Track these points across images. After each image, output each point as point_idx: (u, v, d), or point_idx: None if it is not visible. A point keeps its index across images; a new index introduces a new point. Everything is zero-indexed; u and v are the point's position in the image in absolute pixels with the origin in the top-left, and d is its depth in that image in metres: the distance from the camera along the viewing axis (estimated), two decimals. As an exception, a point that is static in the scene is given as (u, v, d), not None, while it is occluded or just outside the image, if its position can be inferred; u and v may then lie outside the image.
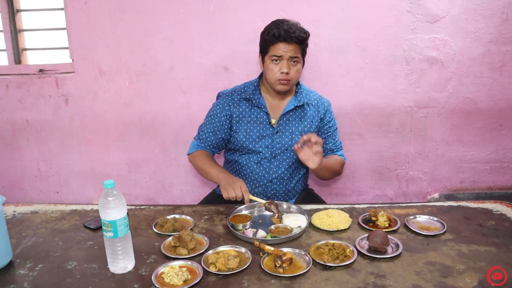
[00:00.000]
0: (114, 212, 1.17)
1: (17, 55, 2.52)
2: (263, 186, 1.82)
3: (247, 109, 1.80)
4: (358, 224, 1.48)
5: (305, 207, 1.60)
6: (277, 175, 1.81)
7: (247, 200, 1.59)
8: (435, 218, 1.49)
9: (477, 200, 1.68)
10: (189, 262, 1.23)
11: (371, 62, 2.33)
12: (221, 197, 1.71)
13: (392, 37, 2.29)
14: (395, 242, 1.32)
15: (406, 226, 1.45)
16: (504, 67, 2.31)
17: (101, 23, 2.36)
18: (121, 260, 1.21)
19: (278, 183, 1.83)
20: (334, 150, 1.90)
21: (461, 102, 2.38)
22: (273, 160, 1.80)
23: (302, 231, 1.41)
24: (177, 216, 1.55)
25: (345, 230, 1.44)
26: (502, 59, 2.30)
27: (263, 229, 1.43)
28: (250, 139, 1.79)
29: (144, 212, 1.63)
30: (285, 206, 1.64)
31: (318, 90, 1.95)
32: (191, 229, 1.45)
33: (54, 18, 2.49)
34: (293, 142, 1.78)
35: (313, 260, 1.23)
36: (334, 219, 1.46)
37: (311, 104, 1.84)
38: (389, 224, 1.45)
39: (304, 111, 1.82)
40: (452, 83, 2.35)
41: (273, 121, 1.80)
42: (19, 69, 2.50)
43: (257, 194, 1.82)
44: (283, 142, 1.79)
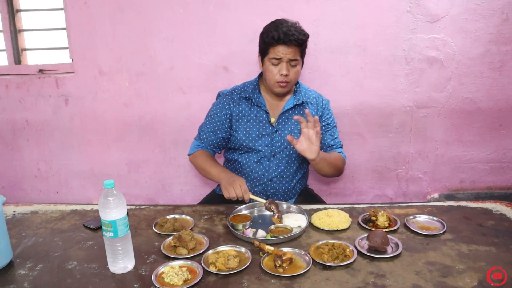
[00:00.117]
0: (114, 212, 1.17)
1: (17, 55, 2.52)
2: (263, 185, 1.83)
3: (247, 108, 1.80)
4: (358, 224, 1.48)
5: (305, 207, 1.60)
6: (277, 174, 1.81)
7: (247, 199, 1.59)
8: (435, 218, 1.49)
9: (477, 200, 1.68)
10: (189, 262, 1.23)
11: (371, 62, 2.33)
12: (221, 197, 1.71)
13: (392, 37, 2.29)
14: (395, 242, 1.32)
15: (406, 226, 1.45)
16: (504, 67, 2.32)
17: (101, 23, 2.36)
18: (121, 260, 1.21)
19: (278, 182, 1.83)
20: (334, 147, 1.86)
21: (461, 102, 2.38)
22: (273, 159, 1.80)
23: (302, 231, 1.41)
24: (177, 216, 1.55)
25: (345, 230, 1.44)
26: (502, 59, 2.30)
27: (263, 229, 1.43)
28: (250, 138, 1.79)
29: (144, 212, 1.63)
30: (285, 206, 1.64)
31: (318, 90, 1.95)
32: (191, 229, 1.45)
33: (54, 18, 2.48)
34: None
35: (313, 260, 1.23)
36: (334, 219, 1.46)
37: (310, 103, 1.84)
38: (389, 224, 1.45)
39: (303, 110, 1.82)
40: (452, 83, 2.35)
41: (273, 120, 1.80)
42: (19, 69, 2.50)
43: (257, 193, 1.82)
44: (282, 141, 1.79)
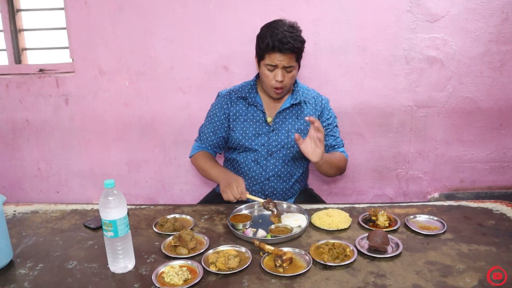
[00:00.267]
0: (114, 212, 1.17)
1: (17, 55, 2.52)
2: (261, 184, 1.83)
3: (244, 108, 1.81)
4: (358, 224, 1.48)
5: (305, 207, 1.61)
6: (274, 173, 1.82)
7: (245, 199, 1.59)
8: (435, 218, 1.49)
9: (477, 200, 1.68)
10: (189, 262, 1.23)
11: (371, 62, 2.33)
12: (221, 196, 1.71)
13: (392, 37, 2.29)
14: (395, 242, 1.32)
15: (406, 226, 1.45)
16: (504, 67, 2.31)
17: (101, 23, 2.36)
18: (121, 260, 1.21)
19: (276, 181, 1.83)
20: (336, 147, 1.87)
21: (461, 102, 2.38)
22: (270, 158, 1.80)
23: (302, 231, 1.41)
24: (177, 216, 1.56)
25: (345, 230, 1.44)
26: (502, 59, 2.30)
27: (263, 229, 1.43)
28: (246, 137, 1.79)
29: (144, 212, 1.63)
30: (285, 206, 1.64)
31: (318, 90, 1.94)
32: (191, 229, 1.45)
33: (54, 18, 2.48)
34: (289, 140, 1.79)
35: (313, 260, 1.23)
36: (334, 219, 1.46)
37: (308, 102, 1.84)
38: (389, 224, 1.45)
39: (301, 109, 1.82)
40: (452, 83, 2.35)
41: (269, 119, 1.80)
42: (19, 69, 2.50)
43: (255, 192, 1.83)
44: (279, 140, 1.79)
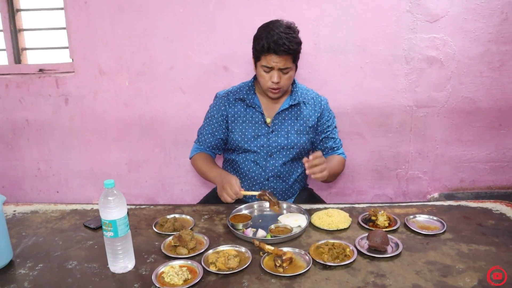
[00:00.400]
0: (114, 212, 1.17)
1: (17, 55, 2.52)
2: (260, 184, 1.83)
3: (242, 109, 1.81)
4: (358, 224, 1.48)
5: (305, 207, 1.61)
6: (274, 174, 1.82)
7: (241, 197, 1.58)
8: (435, 218, 1.49)
9: (477, 200, 1.68)
10: (189, 262, 1.23)
11: (371, 62, 2.33)
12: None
13: (392, 37, 2.29)
14: (395, 242, 1.33)
15: (406, 226, 1.45)
16: (504, 67, 2.32)
17: (101, 23, 2.36)
18: (121, 260, 1.21)
19: (275, 181, 1.83)
20: (335, 149, 1.90)
21: (461, 102, 2.38)
22: (269, 159, 1.81)
23: (302, 231, 1.42)
24: (177, 216, 1.56)
25: (345, 230, 1.44)
26: (502, 59, 2.30)
27: (263, 229, 1.43)
28: (246, 139, 1.79)
29: (144, 212, 1.63)
30: (285, 206, 1.64)
31: (318, 90, 1.95)
32: (191, 229, 1.45)
33: (54, 18, 2.48)
34: (289, 141, 1.79)
35: (313, 260, 1.23)
36: (334, 219, 1.46)
37: (308, 103, 1.84)
38: (389, 224, 1.45)
39: (300, 110, 1.82)
40: (452, 83, 2.35)
41: (268, 120, 1.80)
42: (19, 69, 2.49)
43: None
44: (279, 141, 1.79)
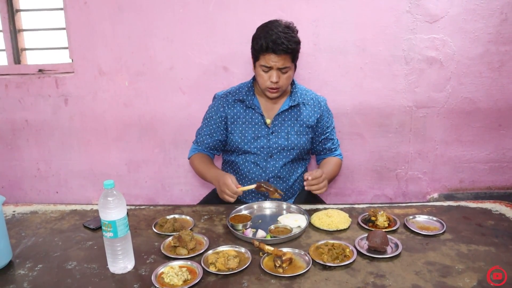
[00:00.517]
0: (114, 212, 1.17)
1: (17, 55, 2.51)
2: None
3: (242, 110, 1.80)
4: (358, 224, 1.48)
5: (305, 207, 1.61)
6: (274, 175, 1.82)
7: (240, 194, 1.58)
8: (435, 218, 1.49)
9: (477, 200, 1.69)
10: (189, 262, 1.23)
11: (371, 62, 2.33)
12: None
13: (392, 37, 2.29)
14: (395, 242, 1.33)
15: (406, 226, 1.45)
16: (503, 67, 2.32)
17: (101, 23, 2.36)
18: (121, 260, 1.21)
19: (275, 182, 1.83)
20: (333, 150, 1.92)
21: (460, 102, 2.38)
22: (270, 160, 1.80)
23: (302, 231, 1.42)
24: (177, 216, 1.55)
25: (345, 230, 1.44)
26: (501, 59, 2.30)
27: (263, 229, 1.43)
28: (246, 140, 1.79)
29: (144, 212, 1.63)
30: (285, 206, 1.64)
31: (318, 90, 1.95)
32: (191, 229, 1.45)
33: (54, 18, 2.48)
34: (289, 142, 1.79)
35: (313, 260, 1.23)
36: (334, 219, 1.46)
37: (307, 104, 1.84)
38: (389, 224, 1.45)
39: (300, 111, 1.82)
40: (451, 83, 2.35)
41: (268, 121, 1.80)
42: (19, 69, 2.49)
43: (255, 193, 1.84)
44: (279, 143, 1.79)
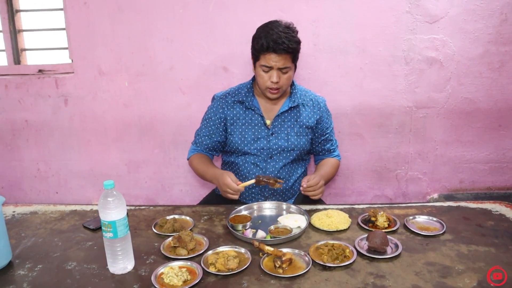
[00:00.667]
0: (114, 213, 1.17)
1: (17, 56, 2.52)
2: (260, 186, 1.83)
3: (241, 112, 1.80)
4: (358, 225, 1.48)
5: (305, 208, 1.61)
6: (274, 175, 1.81)
7: (241, 189, 1.58)
8: (435, 219, 1.49)
9: (476, 201, 1.68)
10: (189, 263, 1.23)
11: (371, 63, 2.33)
12: (221, 197, 1.72)
13: (392, 38, 2.29)
14: (395, 243, 1.33)
15: (406, 227, 1.45)
16: (503, 67, 2.32)
17: (101, 23, 2.36)
18: (121, 261, 1.21)
19: None
20: (331, 151, 1.93)
21: (460, 102, 2.38)
22: (270, 161, 1.80)
23: (302, 232, 1.42)
24: (177, 217, 1.55)
25: (345, 231, 1.44)
26: (501, 60, 2.30)
27: (263, 230, 1.43)
28: (245, 141, 1.79)
29: (144, 213, 1.63)
30: (285, 207, 1.65)
31: (317, 91, 1.95)
32: (191, 230, 1.45)
33: (54, 19, 2.48)
34: (289, 143, 1.79)
35: (313, 261, 1.23)
36: (334, 220, 1.46)
37: (307, 105, 1.83)
38: (389, 225, 1.45)
39: (299, 112, 1.81)
40: (451, 84, 2.35)
41: (268, 122, 1.80)
42: (19, 70, 2.49)
43: (255, 193, 1.84)
44: (280, 144, 1.79)
